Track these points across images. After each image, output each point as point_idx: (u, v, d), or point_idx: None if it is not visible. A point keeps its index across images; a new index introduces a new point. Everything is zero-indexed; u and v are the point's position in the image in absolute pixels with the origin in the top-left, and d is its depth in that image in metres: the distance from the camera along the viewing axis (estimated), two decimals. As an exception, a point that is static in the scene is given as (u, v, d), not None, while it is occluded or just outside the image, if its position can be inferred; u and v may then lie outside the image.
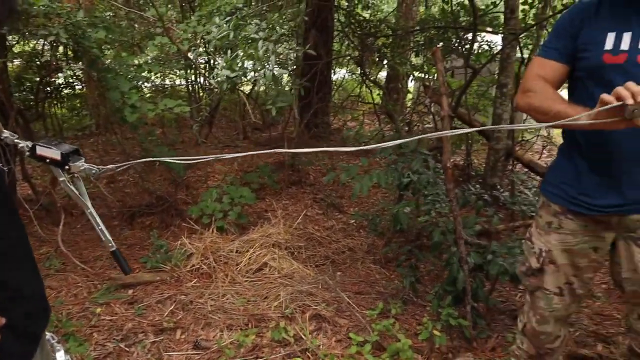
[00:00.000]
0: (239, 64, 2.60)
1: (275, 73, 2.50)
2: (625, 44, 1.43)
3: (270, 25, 2.56)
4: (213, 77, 2.68)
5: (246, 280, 3.05)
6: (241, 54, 2.69)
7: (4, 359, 0.84)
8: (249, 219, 3.97)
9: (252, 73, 2.60)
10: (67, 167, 1.17)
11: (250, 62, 2.67)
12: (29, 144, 1.14)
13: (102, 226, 1.32)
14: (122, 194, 4.49)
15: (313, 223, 4.07)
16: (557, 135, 6.33)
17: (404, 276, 2.79)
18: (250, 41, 2.67)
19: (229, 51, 2.70)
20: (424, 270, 3.12)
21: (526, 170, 4.95)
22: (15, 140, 1.13)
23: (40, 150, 1.18)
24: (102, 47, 3.78)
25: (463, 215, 2.86)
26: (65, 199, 4.20)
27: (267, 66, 2.47)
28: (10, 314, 0.83)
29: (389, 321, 2.46)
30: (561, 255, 1.66)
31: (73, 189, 1.24)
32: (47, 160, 1.18)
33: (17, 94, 4.28)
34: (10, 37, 3.77)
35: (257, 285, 2.98)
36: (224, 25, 2.83)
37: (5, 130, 1.10)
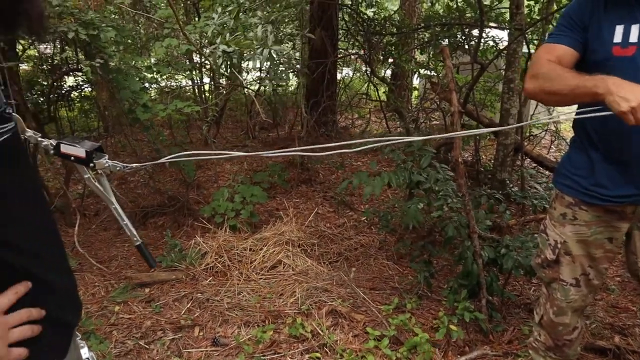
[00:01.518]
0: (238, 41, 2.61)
1: (273, 53, 2.50)
2: (634, 37, 1.44)
3: (272, 12, 2.57)
4: (210, 53, 2.67)
5: (261, 278, 3.08)
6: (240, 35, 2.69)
7: (44, 350, 0.86)
8: (261, 218, 4.01)
9: (250, 51, 2.60)
10: (91, 164, 1.19)
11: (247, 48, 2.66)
12: (53, 142, 1.15)
13: (126, 221, 1.34)
14: (133, 195, 4.53)
15: (325, 221, 4.10)
16: (564, 129, 6.34)
17: (418, 271, 2.81)
18: (249, 25, 2.67)
19: (227, 34, 2.71)
20: (437, 266, 3.14)
21: (535, 165, 4.96)
22: (39, 139, 1.13)
23: (65, 148, 1.19)
24: (111, 47, 3.82)
25: (474, 212, 2.88)
26: (78, 200, 4.25)
27: (266, 45, 2.48)
28: (46, 305, 0.84)
29: (405, 316, 2.49)
30: (576, 246, 1.68)
31: (98, 185, 1.27)
32: (72, 157, 1.19)
33: (27, 97, 4.33)
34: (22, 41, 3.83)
35: (272, 282, 3.02)
36: (225, 13, 2.83)
37: (28, 130, 1.11)
